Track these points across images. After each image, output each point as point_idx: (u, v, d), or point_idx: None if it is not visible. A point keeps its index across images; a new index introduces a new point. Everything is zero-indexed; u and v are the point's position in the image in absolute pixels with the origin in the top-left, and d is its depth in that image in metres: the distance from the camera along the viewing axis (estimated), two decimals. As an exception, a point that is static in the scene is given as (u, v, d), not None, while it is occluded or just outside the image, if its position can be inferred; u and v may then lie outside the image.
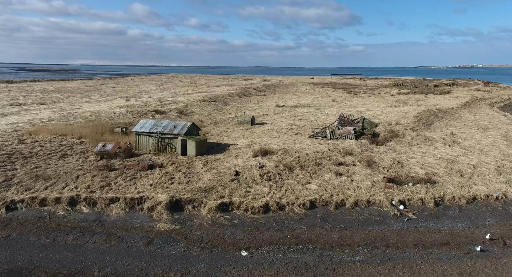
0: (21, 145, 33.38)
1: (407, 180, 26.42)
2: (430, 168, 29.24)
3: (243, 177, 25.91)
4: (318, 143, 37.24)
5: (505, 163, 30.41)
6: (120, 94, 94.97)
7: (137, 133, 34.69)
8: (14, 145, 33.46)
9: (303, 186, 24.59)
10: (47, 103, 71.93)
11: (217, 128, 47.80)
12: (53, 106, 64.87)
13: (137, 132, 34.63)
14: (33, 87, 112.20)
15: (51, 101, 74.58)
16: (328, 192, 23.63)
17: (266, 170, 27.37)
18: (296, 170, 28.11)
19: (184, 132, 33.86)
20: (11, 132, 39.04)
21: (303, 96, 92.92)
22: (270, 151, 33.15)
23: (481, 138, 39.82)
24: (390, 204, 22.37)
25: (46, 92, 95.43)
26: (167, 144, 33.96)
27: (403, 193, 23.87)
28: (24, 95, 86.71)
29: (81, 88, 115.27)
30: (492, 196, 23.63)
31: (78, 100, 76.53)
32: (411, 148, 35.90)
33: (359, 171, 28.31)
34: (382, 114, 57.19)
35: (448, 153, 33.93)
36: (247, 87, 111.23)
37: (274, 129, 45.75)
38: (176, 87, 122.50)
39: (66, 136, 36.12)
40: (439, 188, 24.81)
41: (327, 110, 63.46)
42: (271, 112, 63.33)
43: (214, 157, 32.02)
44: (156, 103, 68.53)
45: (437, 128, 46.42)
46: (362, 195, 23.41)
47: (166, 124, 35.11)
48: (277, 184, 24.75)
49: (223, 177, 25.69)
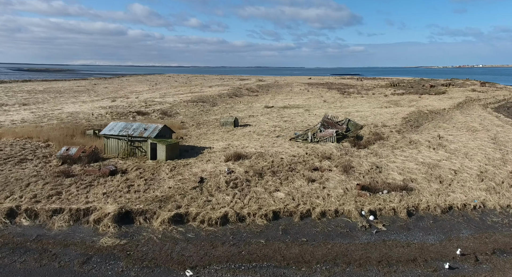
0: (-17, 149, 31.94)
1: (382, 187, 24.94)
2: (409, 173, 27.74)
3: (208, 184, 24.42)
4: (297, 146, 35.75)
5: (489, 168, 28.92)
6: (110, 94, 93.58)
7: (106, 136, 33.22)
8: (-24, 149, 32.02)
9: (270, 194, 23.10)
10: (30, 104, 70.53)
11: (198, 130, 46.33)
12: (35, 107, 63.41)
13: (106, 135, 33.17)
14: (22, 87, 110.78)
15: (36, 101, 73.17)
16: (295, 201, 22.14)
17: (234, 176, 25.89)
18: (267, 176, 26.63)
19: (155, 135, 32.38)
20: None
21: (295, 97, 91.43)
22: (244, 155, 31.67)
23: (468, 141, 38.32)
24: (359, 215, 20.87)
25: (34, 92, 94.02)
26: (137, 147, 32.50)
27: (375, 202, 22.38)
28: (9, 95, 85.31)
29: (72, 88, 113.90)
30: (470, 205, 22.15)
31: (63, 101, 75.10)
32: (394, 151, 34.41)
33: (333, 177, 26.83)
34: (370, 115, 55.68)
35: (432, 157, 32.44)
36: (239, 88, 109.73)
37: (256, 132, 44.27)
38: (170, 88, 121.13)
39: (32, 140, 34.64)
40: (415, 196, 23.32)
41: (315, 112, 61.96)
42: (258, 113, 61.85)
43: (185, 161, 30.56)
44: (141, 104, 67.09)
45: (424, 130, 44.92)
46: (331, 204, 21.92)
47: (137, 126, 33.64)
48: (242, 192, 23.27)
49: (186, 184, 24.21)
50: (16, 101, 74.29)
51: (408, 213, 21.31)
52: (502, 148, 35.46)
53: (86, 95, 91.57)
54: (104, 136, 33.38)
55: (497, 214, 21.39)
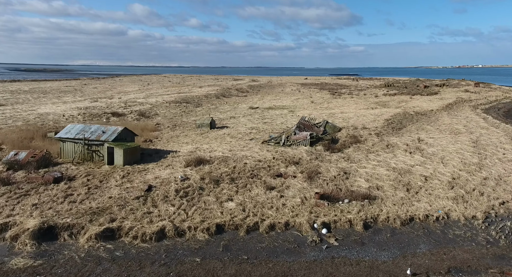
0: None
1: (345, 195, 23.24)
2: (377, 180, 26.04)
3: (156, 192, 22.72)
4: (267, 150, 34.05)
5: (462, 174, 27.20)
6: (96, 95, 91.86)
7: (61, 139, 31.52)
8: None
9: (220, 205, 21.40)
10: (8, 104, 68.78)
11: (172, 132, 44.66)
12: (10, 107, 61.68)
13: (61, 139, 31.47)
14: (8, 87, 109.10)
15: (15, 102, 71.46)
16: (245, 212, 20.43)
17: (187, 184, 24.19)
18: (224, 183, 24.94)
19: (113, 139, 30.68)
20: None
21: (285, 97, 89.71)
22: (207, 160, 29.98)
23: (448, 144, 36.59)
24: (310, 228, 19.16)
25: (18, 93, 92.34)
26: (94, 151, 30.81)
27: (332, 213, 20.67)
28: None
29: (59, 88, 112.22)
30: (433, 216, 20.44)
31: (43, 102, 73.38)
32: (368, 155, 32.70)
33: (295, 184, 25.13)
34: (354, 117, 53.97)
35: (406, 161, 30.73)
36: (229, 88, 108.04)
37: (231, 134, 42.59)
38: (161, 88, 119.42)
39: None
40: (376, 206, 21.62)
41: (300, 113, 60.22)
42: (241, 114, 60.16)
43: (143, 166, 28.89)
44: (120, 105, 65.41)
45: (406, 133, 43.20)
46: (283, 215, 20.21)
47: (95, 129, 31.94)
48: (190, 202, 21.57)
49: (131, 193, 22.50)
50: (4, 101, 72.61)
51: (365, 226, 19.60)
52: (482, 152, 33.74)
53: (71, 95, 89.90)
54: (60, 139, 31.69)
55: (461, 226, 19.68)
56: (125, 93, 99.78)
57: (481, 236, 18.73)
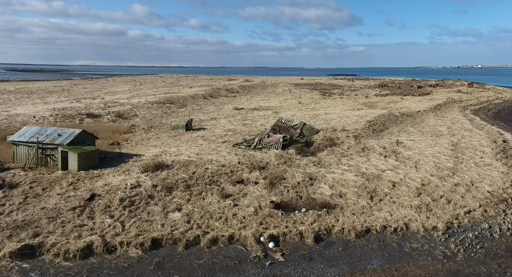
0: None
1: (304, 204, 21.76)
2: (341, 187, 24.53)
3: (98, 202, 21.18)
4: (235, 154, 32.56)
5: (433, 180, 25.69)
6: (82, 95, 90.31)
7: (14, 143, 29.99)
8: None
9: (165, 215, 19.87)
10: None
11: (145, 134, 43.16)
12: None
13: (14, 142, 29.94)
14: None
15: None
16: (189, 224, 18.90)
17: (135, 192, 22.68)
18: (178, 190, 23.43)
19: (69, 142, 29.18)
20: None
21: (274, 98, 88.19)
22: (167, 164, 28.51)
23: (427, 147, 35.09)
24: (256, 241, 17.63)
25: (1, 93, 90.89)
26: (49, 155, 29.29)
27: (283, 224, 19.16)
28: None
29: (46, 89, 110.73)
30: (391, 227, 18.92)
31: (24, 102, 71.87)
32: (340, 159, 31.19)
33: (253, 191, 23.63)
34: (336, 118, 52.52)
35: (378, 166, 29.24)
36: (219, 89, 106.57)
37: (205, 136, 41.10)
38: (151, 88, 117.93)
39: None
40: (333, 216, 20.11)
41: (284, 114, 58.69)
42: (223, 115, 58.64)
43: (99, 172, 27.39)
44: (100, 106, 63.91)
45: (387, 135, 41.70)
46: (230, 228, 18.69)
47: (51, 132, 30.44)
48: (132, 213, 20.03)
49: (70, 202, 20.97)
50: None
51: (317, 238, 18.08)
52: (459, 155, 32.23)
53: (56, 96, 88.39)
54: (13, 143, 30.17)
55: (419, 238, 18.17)
56: (113, 93, 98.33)
57: (439, 249, 17.23)
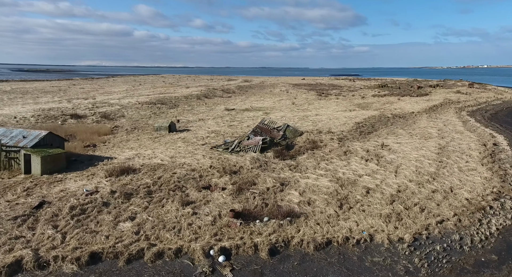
0: None
1: (268, 212, 20.53)
2: (312, 193, 23.23)
3: (46, 210, 20.03)
4: (209, 157, 31.35)
5: (411, 186, 24.32)
6: (77, 95, 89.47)
7: None
8: None
9: (114, 225, 18.68)
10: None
11: (126, 136, 42.08)
12: None
13: None
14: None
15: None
16: (137, 236, 17.69)
17: (89, 199, 21.51)
18: (137, 197, 22.27)
19: (33, 145, 28.15)
20: None
21: (269, 98, 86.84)
22: (134, 168, 27.39)
23: (412, 150, 33.66)
24: (204, 255, 16.39)
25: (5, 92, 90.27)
26: (13, 158, 28.26)
27: (238, 235, 17.92)
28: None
29: (43, 89, 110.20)
30: (354, 238, 17.61)
31: (15, 102, 71.13)
32: (319, 163, 29.87)
33: (218, 198, 22.42)
34: (325, 120, 51.17)
35: (357, 170, 27.90)
36: (215, 89, 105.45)
37: (186, 138, 39.95)
38: (149, 88, 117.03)
39: None
40: (296, 226, 18.84)
41: (274, 115, 57.42)
42: (212, 116, 57.45)
43: (62, 176, 26.35)
44: (88, 106, 62.98)
45: (374, 137, 40.27)
46: (181, 239, 17.47)
47: (16, 134, 29.43)
48: (80, 222, 18.83)
49: (14, 211, 19.83)
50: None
51: (272, 251, 16.81)
52: (444, 159, 30.78)
53: (50, 96, 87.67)
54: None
55: (382, 251, 16.84)
56: (109, 93, 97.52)
57: (402, 263, 15.91)
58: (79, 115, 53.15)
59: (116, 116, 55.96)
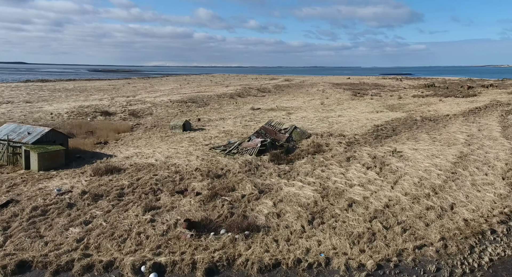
0: None
1: (228, 223, 18.34)
2: (287, 204, 20.60)
3: (8, 210, 19.33)
4: (202, 159, 29.60)
5: (403, 200, 20.74)
6: (125, 93, 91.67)
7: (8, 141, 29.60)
8: None
9: (64, 230, 17.48)
10: (33, 101, 70.57)
11: (143, 133, 41.78)
12: (29, 105, 62.75)
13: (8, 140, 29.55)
14: (56, 86, 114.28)
15: (41, 100, 73.06)
16: (78, 243, 16.30)
17: (57, 199, 20.63)
18: (105, 200, 21.08)
19: (35, 141, 28.18)
20: None
21: (300, 98, 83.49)
22: (119, 168, 26.38)
23: (425, 159, 29.44)
24: (133, 271, 14.55)
25: (59, 91, 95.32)
26: (18, 154, 28.48)
27: (180, 249, 15.92)
28: (32, 93, 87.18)
29: (100, 87, 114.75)
30: (307, 261, 14.87)
31: (67, 99, 74.15)
32: (315, 169, 26.96)
33: (185, 204, 20.61)
34: (344, 121, 47.41)
35: (352, 179, 24.68)
36: (250, 88, 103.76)
37: (194, 138, 38.62)
38: (192, 87, 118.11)
39: None
40: (249, 242, 16.46)
41: (296, 115, 54.50)
42: (234, 115, 55.83)
43: (56, 173, 26.15)
44: (122, 104, 64.03)
45: (390, 142, 36.18)
46: (118, 251, 15.81)
47: (23, 130, 29.73)
48: (32, 225, 17.82)
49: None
50: (23, 99, 75.10)
51: (211, 271, 14.61)
52: (459, 170, 26.40)
53: (101, 94, 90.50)
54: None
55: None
56: (155, 91, 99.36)
57: (350, 300, 13.00)
58: (109, 113, 54.03)
59: (144, 114, 56.23)
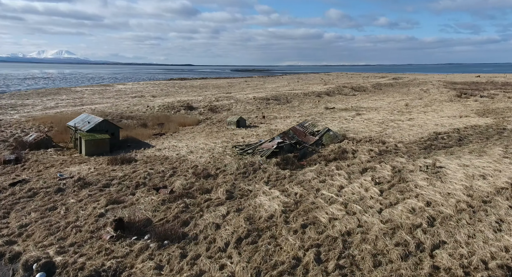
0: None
1: (162, 230, 16.14)
2: (238, 216, 17.11)
3: (13, 189, 20.82)
4: (212, 157, 27.46)
5: (373, 229, 14.94)
6: (229, 90, 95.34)
7: (69, 127, 33.24)
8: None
9: (22, 216, 17.90)
10: (158, 96, 78.47)
11: (203, 128, 41.95)
12: (152, 99, 70.07)
13: (68, 126, 33.16)
14: (188, 84, 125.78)
15: (165, 94, 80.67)
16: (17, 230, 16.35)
17: (53, 183, 21.46)
18: (89, 189, 21.06)
19: (88, 129, 30.48)
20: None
21: (390, 98, 72.55)
22: (131, 159, 26.44)
23: (461, 180, 21.15)
24: (25, 268, 13.54)
25: (185, 87, 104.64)
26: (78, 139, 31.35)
27: (90, 250, 14.48)
28: (164, 88, 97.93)
29: (218, 85, 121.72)
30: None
31: (180, 95, 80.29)
32: (315, 178, 22.14)
33: (148, 202, 19.10)
34: (405, 126, 38.53)
35: (341, 195, 19.28)
36: (344, 86, 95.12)
37: (237, 135, 36.80)
38: (295, 85, 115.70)
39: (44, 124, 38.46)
40: (155, 253, 13.99)
41: (363, 116, 47.21)
42: (300, 114, 51.59)
43: (92, 158, 27.90)
44: (210, 99, 65.80)
45: (441, 154, 27.48)
46: (36, 244, 15.11)
47: (89, 119, 32.43)
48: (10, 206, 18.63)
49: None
50: (152, 93, 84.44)
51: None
52: (497, 201, 18.09)
53: (214, 90, 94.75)
54: (68, 127, 33.53)
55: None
56: (259, 89, 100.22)
57: None
58: (192, 107, 56.13)
59: (222, 109, 56.64)
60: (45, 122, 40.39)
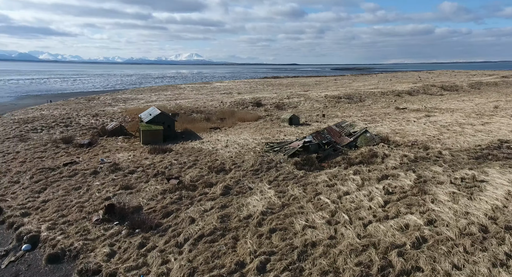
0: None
1: (148, 218, 16.24)
2: (217, 213, 15.97)
3: (64, 168, 23.52)
4: (237, 152, 26.34)
5: (348, 237, 12.02)
6: (308, 89, 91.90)
7: (140, 118, 36.30)
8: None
9: (52, 192, 20.02)
10: (244, 92, 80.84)
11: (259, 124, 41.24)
12: (236, 95, 72.65)
13: (140, 118, 36.20)
14: (277, 82, 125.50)
15: (249, 92, 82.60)
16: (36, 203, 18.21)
17: (93, 167, 23.48)
18: (115, 173, 22.46)
19: (147, 121, 32.89)
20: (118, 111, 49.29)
21: (478, 99, 58.72)
22: (167, 150, 27.22)
23: (491, 196, 15.59)
24: (17, 238, 14.75)
25: (272, 85, 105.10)
26: (141, 129, 34.02)
27: (74, 229, 15.35)
28: (253, 86, 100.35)
29: (305, 83, 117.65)
30: None
31: (256, 92, 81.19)
32: (326, 182, 19.38)
33: (149, 191, 19.44)
34: (470, 131, 30.61)
35: (340, 203, 16.32)
36: (432, 86, 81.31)
37: (282, 132, 34.95)
38: (381, 83, 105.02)
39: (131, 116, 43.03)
40: (119, 239, 14.03)
41: (431, 119, 39.57)
42: (364, 114, 46.26)
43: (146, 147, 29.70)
44: (283, 97, 63.94)
45: (496, 166, 20.95)
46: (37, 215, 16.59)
47: (152, 113, 34.85)
48: (51, 183, 21.09)
49: (55, 161, 24.41)
50: (238, 90, 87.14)
51: (55, 256, 13.51)
52: None
53: (299, 88, 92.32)
54: (140, 118, 36.73)
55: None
56: (343, 86, 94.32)
57: None
58: (260, 104, 55.65)
59: (289, 107, 54.70)
60: (131, 114, 45.32)
